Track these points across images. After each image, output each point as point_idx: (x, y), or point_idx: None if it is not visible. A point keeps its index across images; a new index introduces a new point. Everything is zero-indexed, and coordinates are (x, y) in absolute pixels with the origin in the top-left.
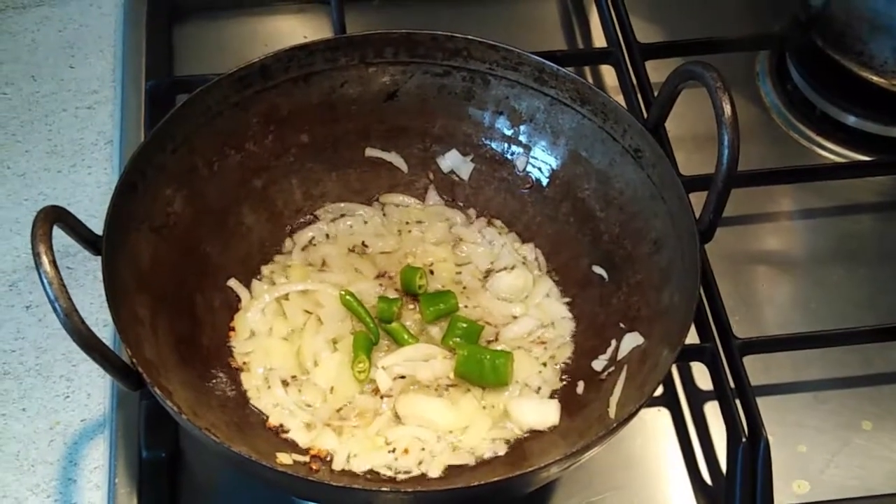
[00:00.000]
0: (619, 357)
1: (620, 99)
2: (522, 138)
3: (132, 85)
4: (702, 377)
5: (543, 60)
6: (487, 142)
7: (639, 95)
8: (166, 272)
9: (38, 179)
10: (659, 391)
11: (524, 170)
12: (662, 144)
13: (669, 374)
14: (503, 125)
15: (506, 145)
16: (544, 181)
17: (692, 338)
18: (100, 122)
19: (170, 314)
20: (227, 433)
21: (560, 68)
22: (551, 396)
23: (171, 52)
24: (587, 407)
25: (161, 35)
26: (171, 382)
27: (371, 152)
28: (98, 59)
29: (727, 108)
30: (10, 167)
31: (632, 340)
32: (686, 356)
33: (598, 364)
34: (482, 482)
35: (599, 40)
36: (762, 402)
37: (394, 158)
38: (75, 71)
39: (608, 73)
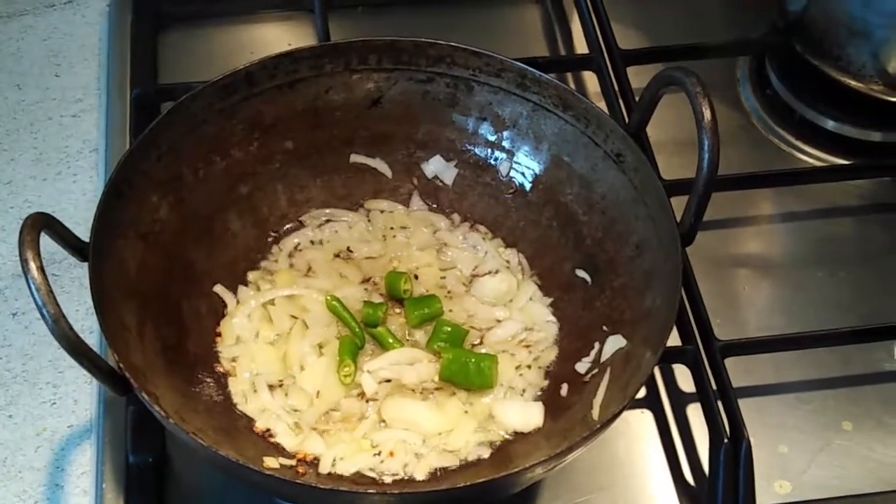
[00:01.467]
0: (603, 359)
1: (602, 105)
2: (506, 144)
3: (117, 93)
4: (684, 379)
5: (526, 67)
6: (471, 147)
7: (620, 101)
8: (153, 278)
9: (24, 187)
10: (642, 393)
11: (507, 175)
12: (644, 149)
13: (652, 376)
14: (486, 131)
15: (489, 151)
16: (527, 186)
17: (674, 340)
18: (85, 131)
19: (156, 320)
20: (214, 437)
21: (542, 74)
22: (536, 399)
23: (155, 61)
24: (571, 409)
25: (146, 43)
26: (158, 388)
27: (356, 158)
28: (83, 67)
29: (707, 113)
30: None
31: (615, 343)
32: (668, 358)
33: (582, 366)
34: (467, 483)
35: (581, 46)
36: (744, 404)
37: (378, 164)
38: (60, 79)
39: (590, 79)
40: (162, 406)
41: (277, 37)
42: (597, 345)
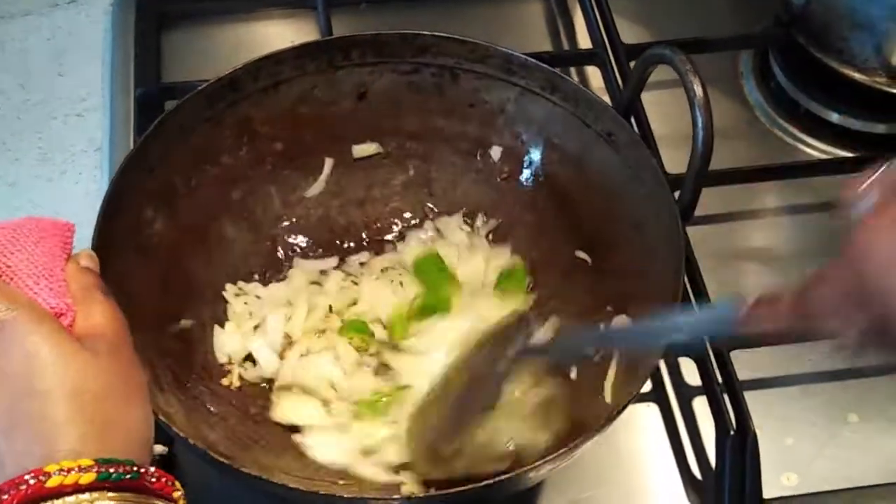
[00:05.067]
0: None
1: (606, 99)
2: (495, 130)
3: (121, 92)
4: (690, 372)
5: (511, 51)
6: (460, 135)
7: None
8: (153, 292)
9: (29, 187)
10: (647, 387)
11: (499, 161)
12: (642, 130)
13: (658, 369)
14: (475, 118)
15: (479, 138)
16: (520, 171)
17: None
18: (89, 130)
19: (160, 334)
20: (229, 448)
21: (528, 58)
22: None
23: (159, 59)
24: (582, 391)
25: (150, 42)
26: (171, 406)
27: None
28: (87, 66)
29: (698, 90)
30: (0, 175)
31: (620, 323)
32: (675, 351)
33: None
34: (480, 484)
35: (585, 41)
36: (750, 397)
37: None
38: (64, 79)
39: (594, 74)
40: (178, 426)
41: (281, 34)
42: (602, 326)
